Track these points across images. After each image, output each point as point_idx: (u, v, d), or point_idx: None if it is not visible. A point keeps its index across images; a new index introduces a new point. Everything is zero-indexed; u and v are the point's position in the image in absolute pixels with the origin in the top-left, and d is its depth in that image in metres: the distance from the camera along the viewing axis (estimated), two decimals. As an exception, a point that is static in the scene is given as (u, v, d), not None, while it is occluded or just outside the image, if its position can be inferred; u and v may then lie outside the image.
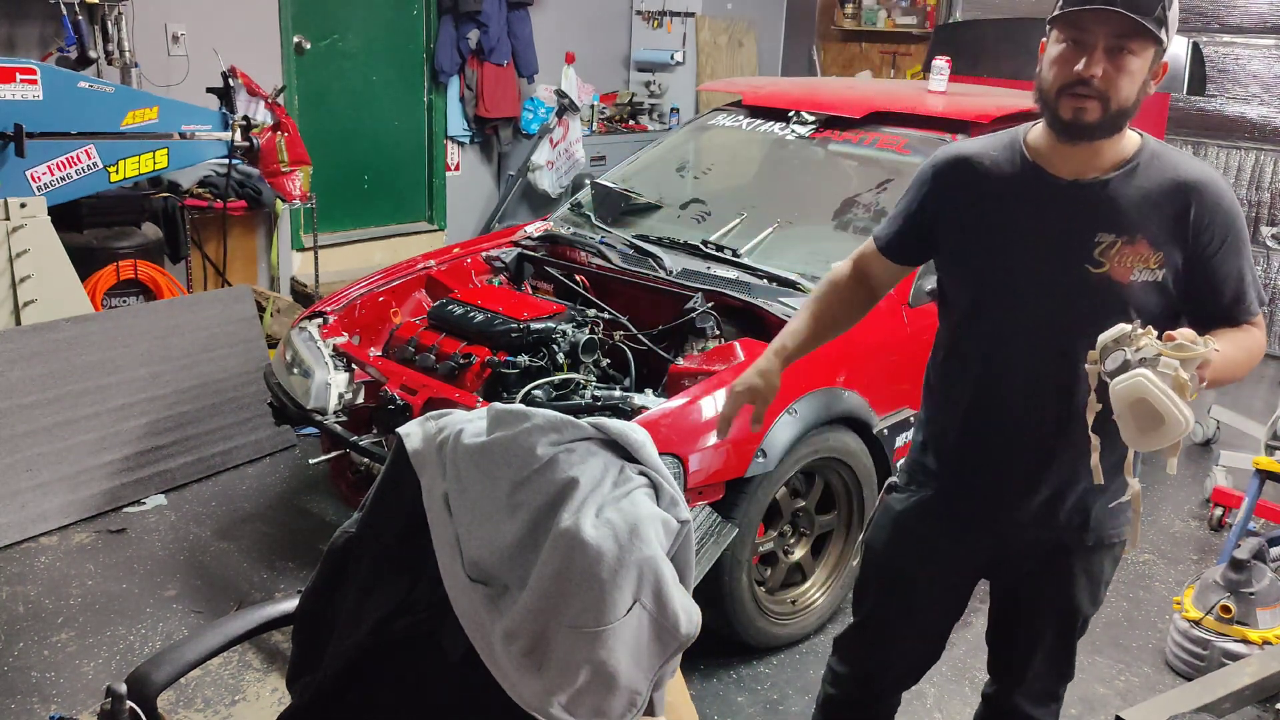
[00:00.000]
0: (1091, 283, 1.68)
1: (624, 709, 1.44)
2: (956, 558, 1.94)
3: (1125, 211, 1.67)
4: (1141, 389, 1.43)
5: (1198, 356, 1.46)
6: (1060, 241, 1.70)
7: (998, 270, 1.76)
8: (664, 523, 1.49)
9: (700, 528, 2.62)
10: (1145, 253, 1.67)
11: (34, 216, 3.86)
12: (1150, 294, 1.68)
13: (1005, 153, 1.77)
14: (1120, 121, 1.65)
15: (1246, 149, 6.13)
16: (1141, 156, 1.70)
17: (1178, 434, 1.44)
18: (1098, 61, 1.59)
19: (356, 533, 1.68)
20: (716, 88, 5.30)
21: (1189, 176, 1.68)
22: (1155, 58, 1.64)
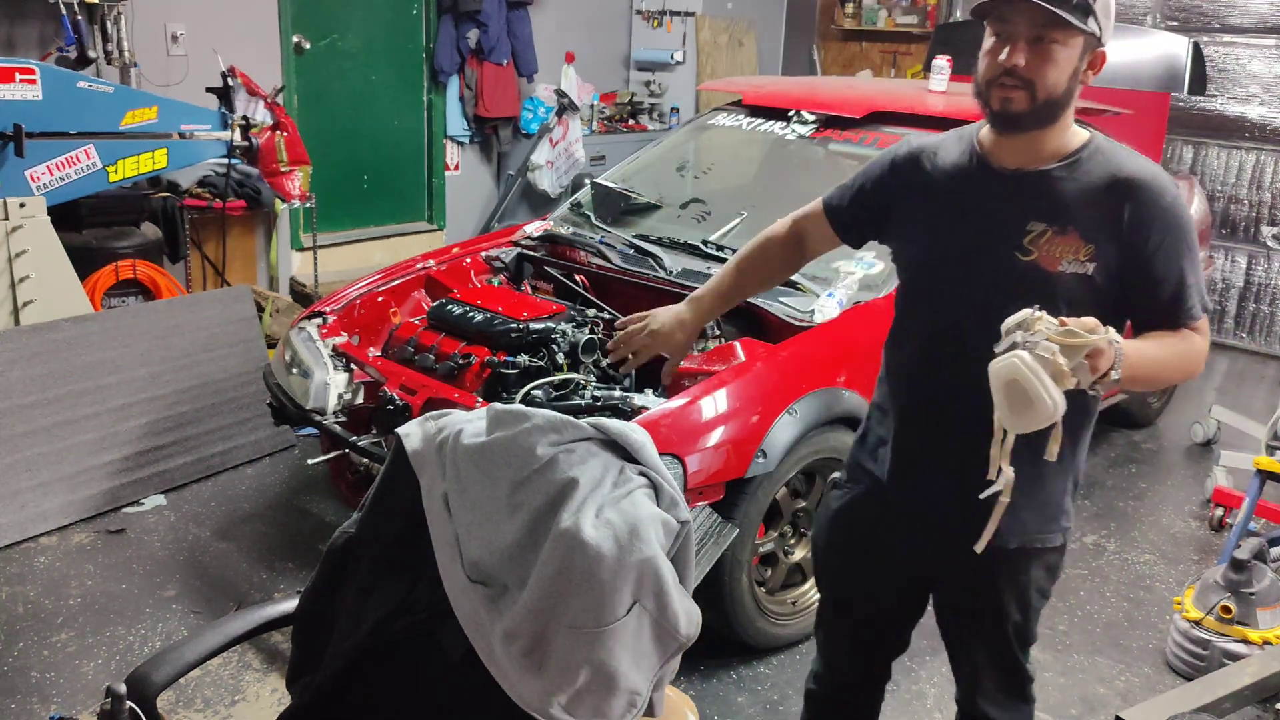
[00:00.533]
0: (1019, 270, 1.68)
1: (624, 709, 1.44)
2: (891, 555, 1.92)
3: (1059, 202, 1.69)
4: (1013, 370, 1.42)
5: (1084, 344, 1.44)
6: (993, 229, 1.72)
7: (935, 258, 1.81)
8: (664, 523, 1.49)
9: (700, 528, 2.62)
10: (1075, 244, 1.67)
11: (33, 216, 3.86)
12: (1079, 286, 1.67)
13: (959, 146, 1.81)
14: (1051, 111, 1.67)
15: (1247, 149, 6.13)
16: (1085, 151, 1.71)
17: (1045, 417, 1.43)
18: (1020, 51, 1.63)
19: (356, 533, 1.68)
20: (716, 87, 5.30)
21: (1129, 173, 1.68)
22: (1087, 48, 1.67)
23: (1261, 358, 6.15)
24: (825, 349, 2.94)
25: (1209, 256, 5.24)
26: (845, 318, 3.05)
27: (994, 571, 1.83)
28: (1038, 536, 1.82)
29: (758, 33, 7.68)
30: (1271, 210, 6.09)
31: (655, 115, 7.38)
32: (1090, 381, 1.48)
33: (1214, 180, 6.23)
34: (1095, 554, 3.68)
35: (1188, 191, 5.01)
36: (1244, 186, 6.17)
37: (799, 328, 3.02)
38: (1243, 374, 5.90)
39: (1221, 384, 5.70)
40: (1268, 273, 6.15)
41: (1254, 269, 6.20)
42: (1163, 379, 1.72)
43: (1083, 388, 1.49)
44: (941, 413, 1.78)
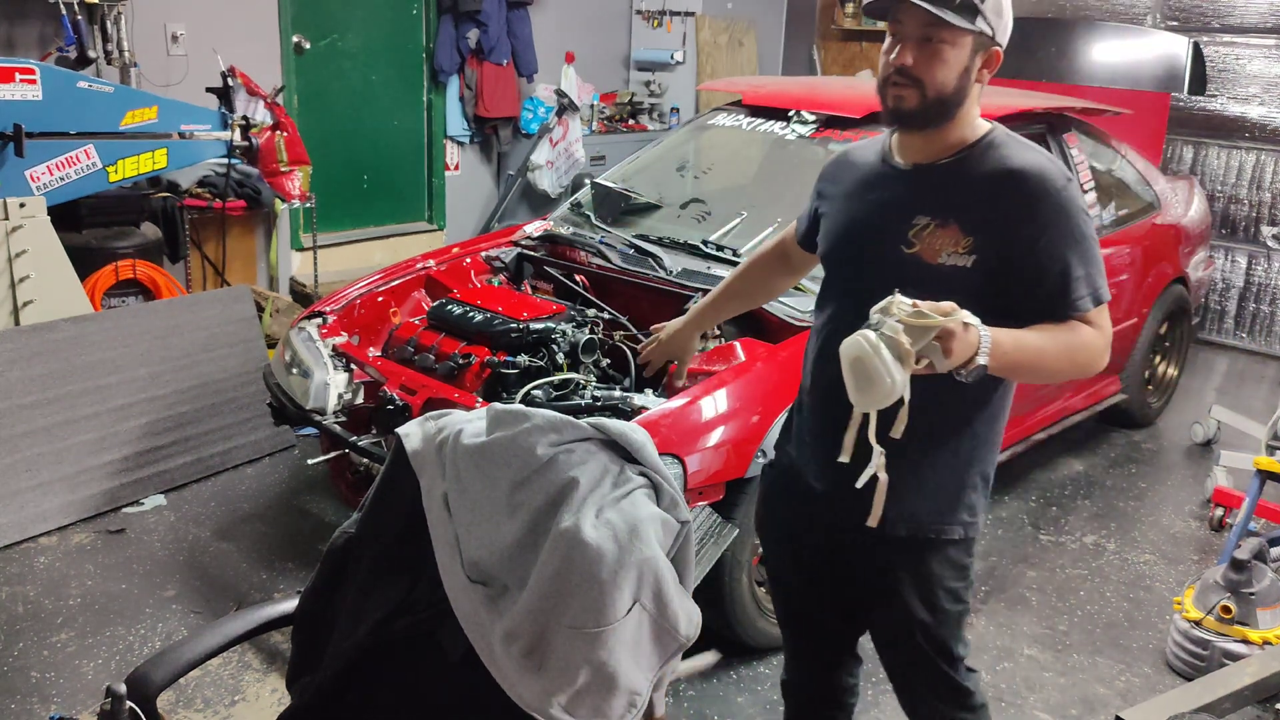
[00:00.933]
0: (904, 263, 1.72)
1: (624, 709, 1.44)
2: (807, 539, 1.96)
3: (944, 195, 1.72)
4: (856, 348, 1.46)
5: (931, 325, 1.46)
6: (886, 223, 1.77)
7: (837, 253, 1.89)
8: (664, 523, 1.49)
9: (700, 528, 2.62)
10: (955, 236, 1.69)
11: (33, 216, 3.86)
12: (959, 278, 1.68)
13: (875, 147, 1.88)
14: (944, 109, 1.70)
15: (1247, 149, 6.12)
16: (978, 146, 1.74)
17: (884, 394, 1.46)
18: (908, 51, 1.68)
19: (356, 533, 1.68)
20: (716, 87, 5.30)
21: (1015, 165, 1.70)
22: (977, 47, 1.70)
23: (1261, 358, 6.14)
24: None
25: (1209, 257, 5.23)
26: (845, 318, 3.05)
27: (891, 560, 1.84)
28: (931, 526, 1.81)
29: (758, 33, 7.68)
30: (1271, 210, 6.09)
31: (655, 115, 7.38)
32: (947, 365, 1.50)
33: (1214, 180, 6.23)
34: (1095, 554, 3.68)
35: (1187, 191, 5.01)
36: (1244, 186, 6.17)
37: (799, 328, 3.02)
38: (1243, 374, 5.90)
39: (1221, 384, 5.70)
40: (1268, 273, 6.15)
41: (1254, 269, 6.20)
42: (1049, 370, 1.70)
43: (940, 370, 1.51)
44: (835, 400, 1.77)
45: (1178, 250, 4.66)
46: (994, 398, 1.81)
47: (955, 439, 1.80)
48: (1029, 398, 3.87)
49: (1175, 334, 4.90)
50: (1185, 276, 4.73)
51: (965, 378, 1.55)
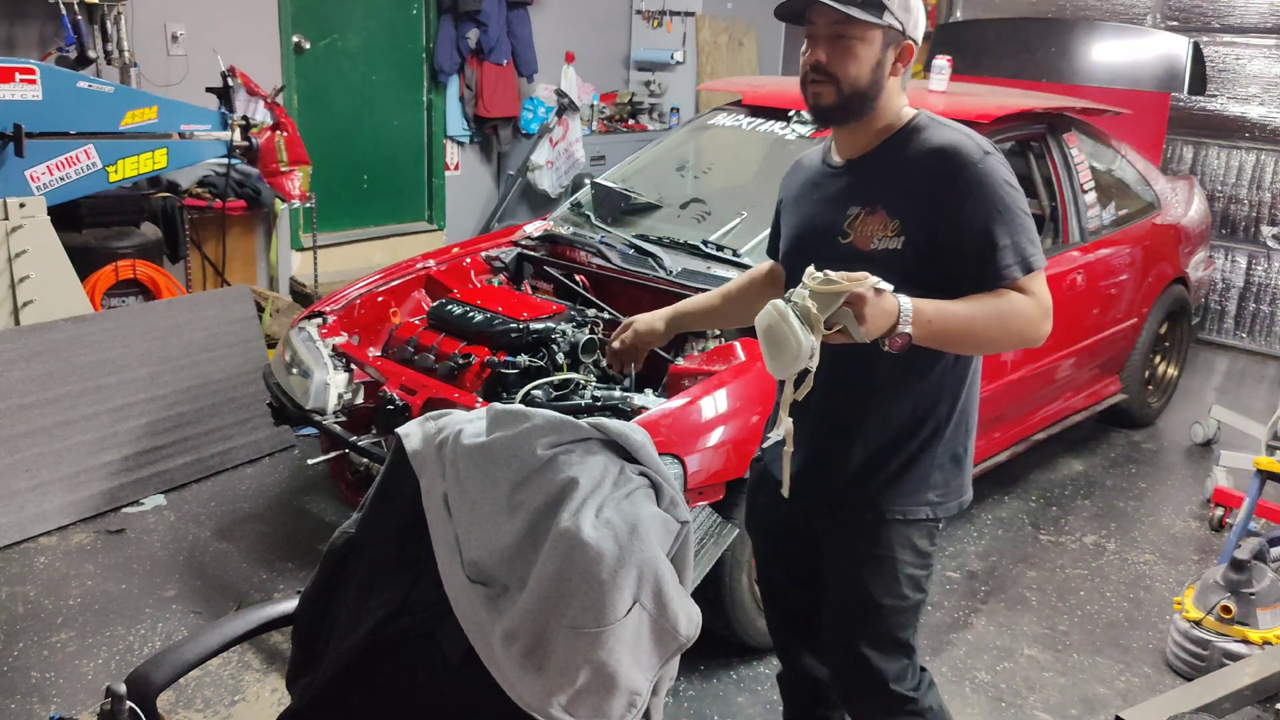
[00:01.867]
0: (840, 253, 1.77)
1: (624, 709, 1.44)
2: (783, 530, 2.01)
3: (872, 184, 1.79)
4: (767, 316, 1.53)
5: (837, 290, 1.51)
6: (823, 218, 1.85)
7: (791, 253, 1.95)
8: (664, 523, 1.49)
9: (700, 528, 2.62)
10: (883, 221, 1.75)
11: (33, 216, 3.86)
12: (892, 261, 1.72)
13: (819, 152, 1.96)
14: (861, 102, 1.77)
15: (1247, 149, 6.12)
16: (901, 132, 1.80)
17: (792, 357, 1.51)
18: (820, 49, 1.75)
19: (356, 533, 1.68)
20: (716, 87, 5.30)
21: (935, 144, 1.75)
22: (888, 41, 1.76)
23: (1261, 358, 6.14)
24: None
25: (1209, 257, 5.23)
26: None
27: (855, 544, 1.87)
28: (896, 507, 1.84)
29: (758, 33, 7.68)
30: (1271, 210, 6.09)
31: (655, 115, 7.38)
32: (864, 333, 1.53)
33: (1214, 180, 6.23)
34: (1095, 554, 3.68)
35: (1187, 191, 5.01)
36: (1244, 186, 6.16)
37: (799, 328, 3.02)
38: (1243, 374, 5.90)
39: (1221, 384, 5.71)
40: (1268, 273, 6.15)
41: (1254, 269, 6.20)
42: (981, 338, 1.70)
43: (858, 340, 1.54)
44: None
45: (1178, 250, 4.66)
46: (949, 379, 1.83)
47: (913, 421, 1.82)
48: (1029, 398, 3.87)
49: (1175, 334, 4.90)
50: (1185, 276, 4.73)
51: (891, 348, 1.59)
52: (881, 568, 1.86)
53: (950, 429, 1.86)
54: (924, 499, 1.85)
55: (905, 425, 1.82)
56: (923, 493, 1.85)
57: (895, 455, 1.83)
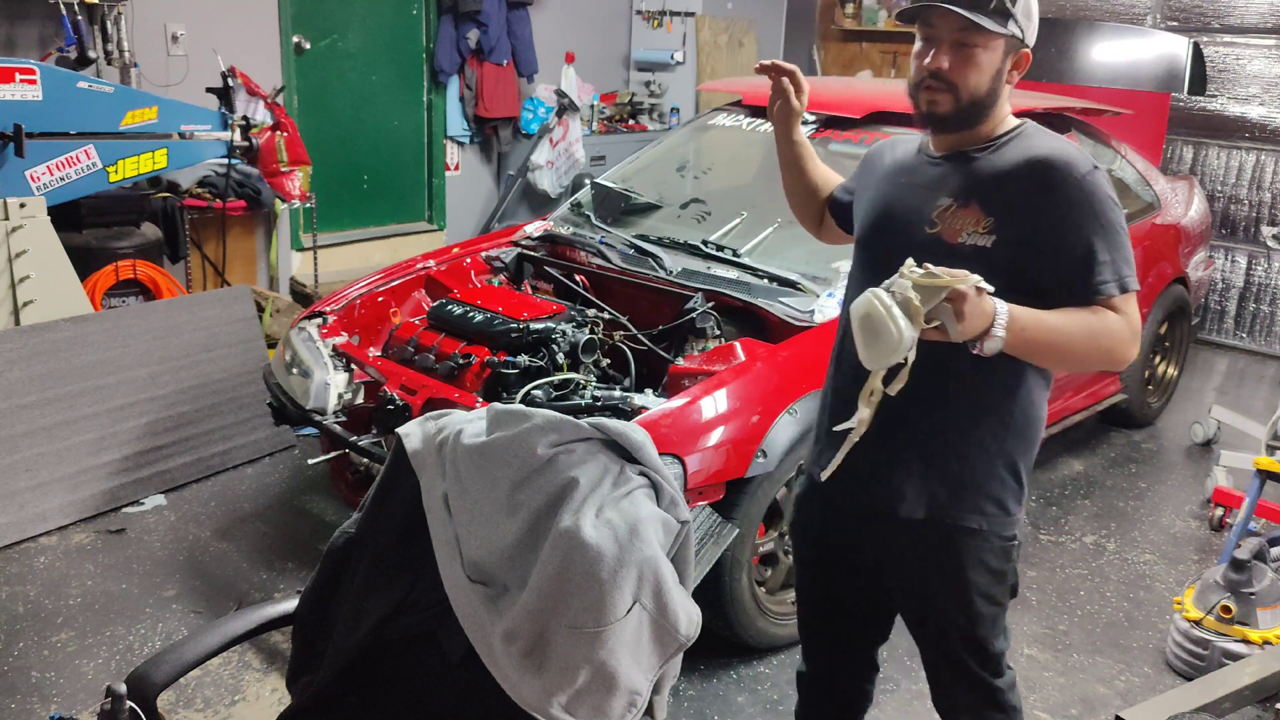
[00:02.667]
0: (924, 242, 1.74)
1: (624, 709, 1.44)
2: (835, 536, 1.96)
3: (969, 179, 1.75)
4: (866, 304, 1.50)
5: (941, 284, 1.48)
6: (912, 206, 1.81)
7: (865, 237, 1.91)
8: (664, 523, 1.49)
9: (700, 528, 2.62)
10: (975, 216, 1.72)
11: (33, 216, 3.86)
12: (980, 258, 1.68)
13: (915, 141, 1.92)
14: (978, 111, 1.74)
15: (1247, 149, 6.12)
16: (1008, 136, 1.78)
17: (891, 349, 1.48)
18: (943, 56, 1.71)
19: (356, 533, 1.68)
20: (716, 87, 5.30)
21: (1041, 153, 1.72)
22: (1009, 49, 1.73)
23: (1261, 358, 6.14)
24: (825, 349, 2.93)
25: (1209, 257, 5.23)
26: (845, 318, 3.05)
27: (909, 542, 1.84)
28: (951, 512, 1.79)
29: (758, 33, 7.68)
30: (1271, 210, 6.09)
31: (655, 115, 7.38)
32: (960, 331, 1.51)
33: (1214, 180, 6.23)
34: (1095, 554, 3.68)
35: (1187, 191, 5.01)
36: (1244, 186, 6.16)
37: (799, 328, 3.02)
38: (1243, 374, 5.90)
39: (1221, 384, 5.70)
40: (1268, 273, 6.15)
41: (1254, 269, 6.20)
42: (1072, 353, 1.67)
43: (955, 339, 1.52)
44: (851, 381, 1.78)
45: (1178, 250, 4.66)
46: (1023, 387, 1.79)
47: (983, 427, 1.78)
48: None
49: (1175, 334, 4.90)
50: (1185, 276, 4.72)
51: (981, 351, 1.56)
52: (949, 580, 1.83)
53: (1016, 440, 1.81)
54: (981, 509, 1.80)
55: (973, 431, 1.78)
56: (980, 502, 1.80)
57: (958, 460, 1.78)
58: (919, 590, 1.88)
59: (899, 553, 1.87)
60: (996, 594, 1.85)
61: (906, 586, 1.90)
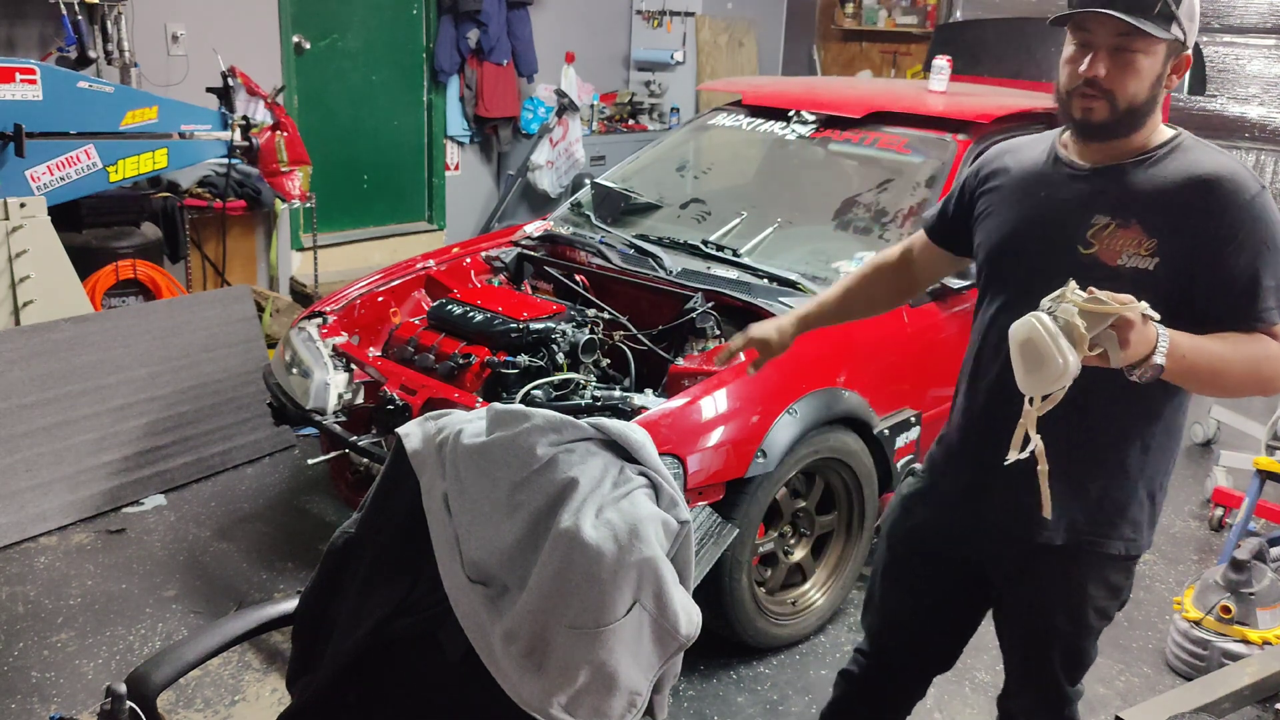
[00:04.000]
0: (1080, 264, 1.65)
1: (624, 709, 1.44)
2: (948, 548, 1.92)
3: (1126, 196, 1.66)
4: (1028, 328, 1.43)
5: (1108, 311, 1.42)
6: (1060, 224, 1.71)
7: (1004, 253, 1.80)
8: (664, 523, 1.49)
9: (700, 528, 2.62)
10: (1137, 237, 1.64)
11: (33, 216, 3.86)
12: (1141, 281, 1.61)
13: (1041, 144, 1.82)
14: (1135, 119, 1.65)
15: (1247, 149, 6.12)
16: (1165, 148, 1.68)
17: (1055, 375, 1.41)
18: (1100, 62, 1.61)
19: (356, 533, 1.68)
20: (716, 87, 5.30)
21: (1206, 170, 1.63)
22: (1170, 53, 1.64)
23: (1261, 358, 6.14)
24: (825, 349, 2.95)
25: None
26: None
27: (1041, 568, 1.80)
28: (1089, 538, 1.76)
29: (758, 33, 7.68)
30: (1271, 210, 6.09)
31: (655, 115, 7.38)
32: (1125, 359, 1.45)
33: (1214, 180, 6.23)
34: (1095, 554, 3.68)
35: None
36: (1244, 186, 6.17)
37: (799, 328, 3.02)
38: (1243, 374, 5.90)
39: (1221, 384, 5.70)
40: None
41: (1254, 269, 6.20)
42: (1228, 380, 1.59)
43: (1116, 365, 1.46)
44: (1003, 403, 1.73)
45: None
46: (1167, 409, 1.75)
47: (1124, 450, 1.74)
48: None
49: (1175, 334, 4.89)
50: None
51: (1140, 377, 1.50)
52: (1069, 598, 1.81)
53: (1156, 464, 1.78)
54: (1120, 533, 1.77)
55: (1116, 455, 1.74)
56: (1121, 526, 1.77)
57: (1100, 484, 1.75)
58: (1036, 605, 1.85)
59: (1028, 574, 1.83)
60: (1110, 608, 1.84)
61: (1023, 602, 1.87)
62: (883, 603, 2.08)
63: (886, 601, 2.07)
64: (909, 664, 2.11)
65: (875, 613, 2.10)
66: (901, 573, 2.02)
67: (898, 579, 2.03)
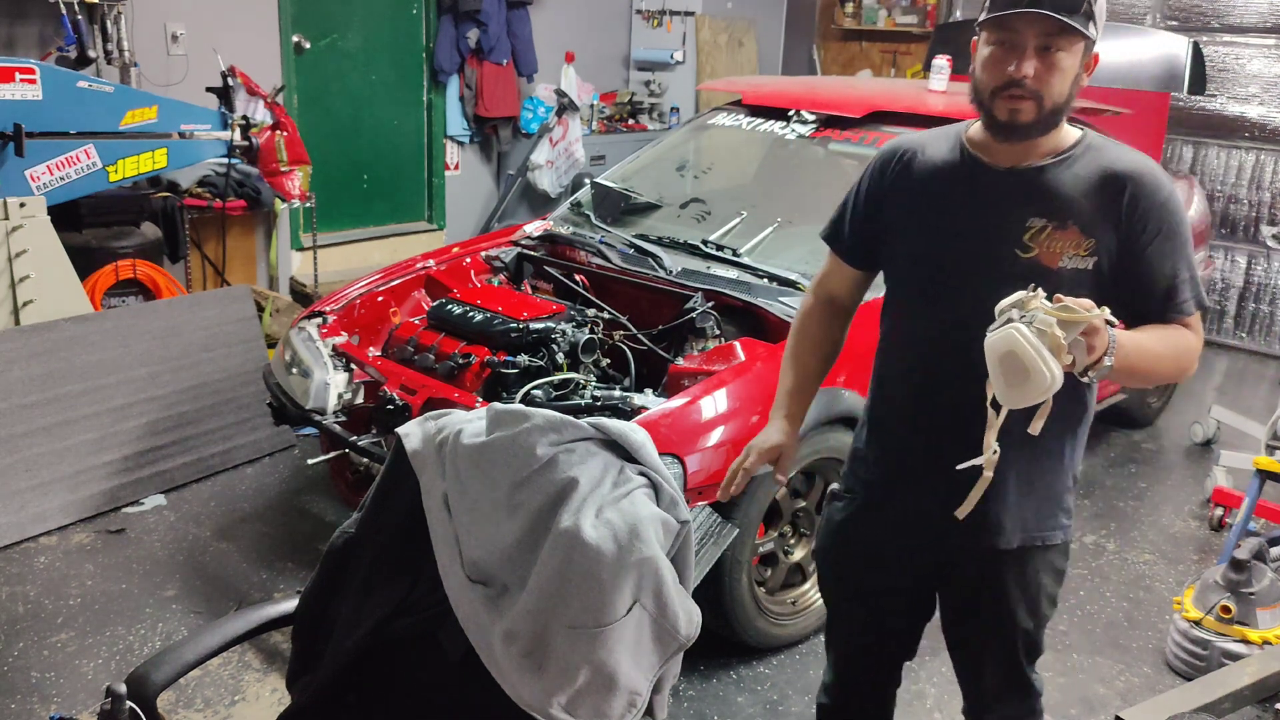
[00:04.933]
0: (1020, 268, 1.66)
1: (624, 709, 1.44)
2: (901, 561, 1.91)
3: (1058, 197, 1.68)
4: (1010, 341, 1.42)
5: (1081, 320, 1.44)
6: (992, 227, 1.71)
7: (932, 260, 1.78)
8: (664, 523, 1.49)
9: (700, 528, 2.62)
10: (1076, 239, 1.66)
11: (33, 216, 3.86)
12: (1080, 281, 1.65)
13: (946, 143, 1.80)
14: (1056, 118, 1.67)
15: (1247, 149, 6.12)
16: (1079, 147, 1.71)
17: (1043, 389, 1.42)
18: (1026, 62, 1.61)
19: (356, 533, 1.68)
20: (716, 87, 5.30)
21: (1125, 167, 1.68)
22: (1085, 51, 1.66)
23: (1261, 358, 6.14)
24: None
25: (1209, 256, 5.23)
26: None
27: (1001, 572, 1.82)
28: (1038, 534, 1.81)
29: (758, 32, 7.68)
30: (1271, 210, 6.09)
31: (655, 115, 7.38)
32: (1086, 363, 1.48)
33: (1214, 180, 6.22)
34: (1095, 554, 3.68)
35: (1187, 191, 5.01)
36: (1244, 186, 6.17)
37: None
38: (1243, 374, 5.90)
39: (1221, 384, 5.70)
40: (1268, 273, 6.15)
41: (1254, 269, 6.20)
42: (1157, 373, 1.69)
43: (1078, 370, 1.49)
44: (942, 413, 1.76)
45: (1178, 250, 4.65)
46: (1088, 396, 1.81)
47: (1060, 442, 1.78)
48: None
49: (1175, 334, 4.89)
50: (1185, 276, 4.72)
51: (1090, 379, 1.53)
52: (1026, 593, 1.83)
53: (1079, 449, 1.84)
54: (1060, 522, 1.83)
55: (1054, 448, 1.78)
56: (1058, 516, 1.82)
57: (1043, 479, 1.79)
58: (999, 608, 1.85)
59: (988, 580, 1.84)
60: (1056, 593, 1.88)
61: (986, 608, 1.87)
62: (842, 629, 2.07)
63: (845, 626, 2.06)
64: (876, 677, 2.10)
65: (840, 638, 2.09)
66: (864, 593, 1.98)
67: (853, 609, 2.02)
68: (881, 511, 1.90)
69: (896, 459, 1.87)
